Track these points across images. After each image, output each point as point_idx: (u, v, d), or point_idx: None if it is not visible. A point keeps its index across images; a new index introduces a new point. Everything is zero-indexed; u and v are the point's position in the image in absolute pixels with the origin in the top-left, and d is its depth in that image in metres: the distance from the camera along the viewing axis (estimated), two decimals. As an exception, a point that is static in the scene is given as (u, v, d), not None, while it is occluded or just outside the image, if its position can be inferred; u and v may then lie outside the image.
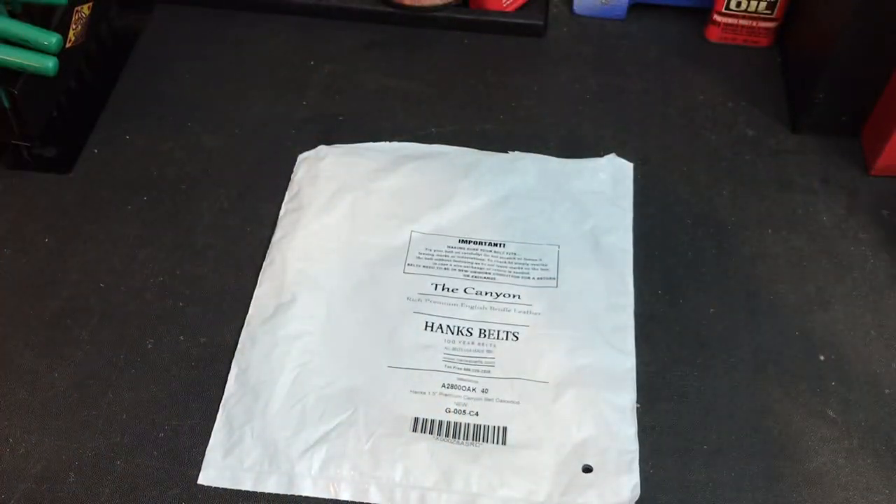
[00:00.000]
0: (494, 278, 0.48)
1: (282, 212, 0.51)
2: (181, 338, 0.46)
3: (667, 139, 0.55)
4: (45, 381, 0.44)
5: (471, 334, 0.45)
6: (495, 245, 0.49)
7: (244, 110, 0.57)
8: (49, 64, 0.48)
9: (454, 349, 0.45)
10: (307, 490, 0.40)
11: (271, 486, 0.41)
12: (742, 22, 0.59)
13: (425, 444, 0.42)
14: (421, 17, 0.61)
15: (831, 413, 0.44)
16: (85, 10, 0.54)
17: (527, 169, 0.53)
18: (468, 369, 0.44)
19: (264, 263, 0.49)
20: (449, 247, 0.49)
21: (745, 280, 0.48)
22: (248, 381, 0.44)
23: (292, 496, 0.40)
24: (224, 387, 0.44)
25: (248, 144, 0.55)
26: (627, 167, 0.53)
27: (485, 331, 0.46)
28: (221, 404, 0.43)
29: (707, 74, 0.59)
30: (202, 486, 0.41)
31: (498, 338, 0.45)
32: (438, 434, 0.42)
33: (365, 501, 0.40)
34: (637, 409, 0.43)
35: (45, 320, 0.46)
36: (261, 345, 0.45)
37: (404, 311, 0.46)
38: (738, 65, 0.59)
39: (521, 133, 0.55)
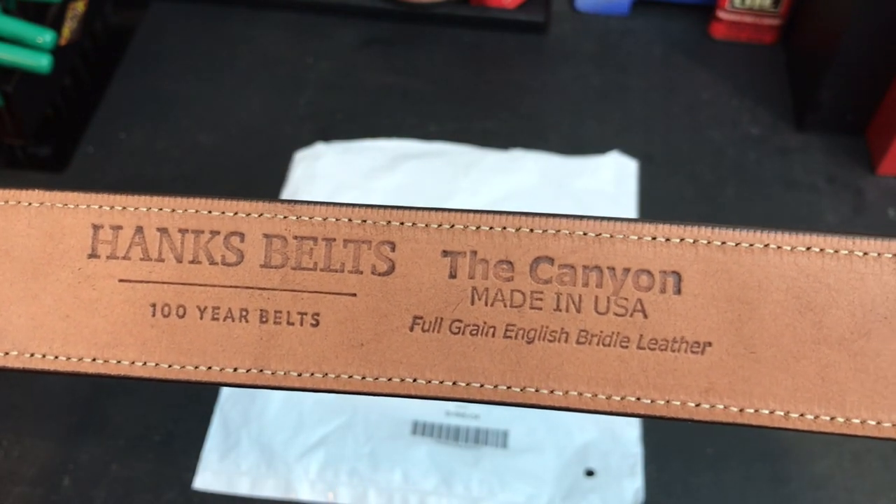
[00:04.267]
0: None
1: (279, 211, 0.50)
2: (177, 339, 0.45)
3: (670, 137, 0.55)
4: (39, 385, 0.44)
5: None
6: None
7: (240, 108, 0.56)
8: (43, 62, 0.48)
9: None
10: (305, 494, 0.40)
11: (268, 489, 0.40)
12: (746, 19, 0.58)
13: (425, 448, 0.41)
14: (420, 13, 0.60)
15: (838, 416, 0.43)
16: (79, 6, 0.53)
17: (528, 167, 0.52)
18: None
19: (261, 263, 0.48)
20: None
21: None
22: (244, 384, 0.43)
23: (290, 500, 0.40)
24: (220, 389, 0.43)
25: (245, 143, 0.54)
26: (631, 165, 0.52)
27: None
28: (218, 407, 0.43)
29: (711, 72, 0.58)
30: (198, 490, 0.40)
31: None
32: (438, 437, 0.41)
33: (363, 506, 0.40)
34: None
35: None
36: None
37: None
38: (742, 62, 0.59)
39: (523, 131, 0.55)
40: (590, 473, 0.40)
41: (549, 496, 0.40)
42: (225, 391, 0.43)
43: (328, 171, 0.52)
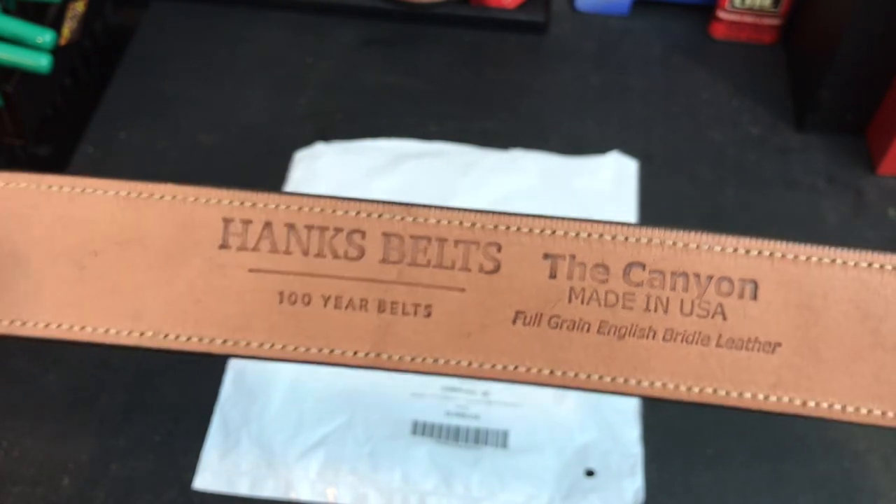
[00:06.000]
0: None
1: (279, 211, 0.50)
2: (177, 339, 0.45)
3: (670, 137, 0.55)
4: (40, 384, 0.44)
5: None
6: (496, 245, 0.49)
7: (240, 108, 0.56)
8: (43, 62, 0.48)
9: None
10: (305, 494, 0.40)
11: (268, 490, 0.40)
12: (746, 19, 0.58)
13: (425, 448, 0.41)
14: (420, 13, 0.60)
15: (838, 416, 0.43)
16: (79, 6, 0.53)
17: (528, 167, 0.52)
18: (468, 371, 0.44)
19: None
20: (449, 246, 0.49)
21: (749, 280, 0.48)
22: (244, 384, 0.43)
23: (290, 500, 0.40)
24: (220, 389, 0.43)
25: (245, 143, 0.54)
26: (631, 165, 0.52)
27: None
28: (218, 407, 0.43)
29: (711, 72, 0.58)
30: (198, 490, 0.40)
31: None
32: (438, 437, 0.41)
33: (363, 506, 0.40)
34: (641, 412, 0.42)
35: (39, 321, 0.46)
36: (258, 346, 0.44)
37: (404, 312, 0.46)
38: (742, 62, 0.59)
39: (523, 131, 0.55)
40: (590, 473, 0.40)
41: (549, 496, 0.40)
42: (224, 391, 0.43)
43: (328, 171, 0.52)
